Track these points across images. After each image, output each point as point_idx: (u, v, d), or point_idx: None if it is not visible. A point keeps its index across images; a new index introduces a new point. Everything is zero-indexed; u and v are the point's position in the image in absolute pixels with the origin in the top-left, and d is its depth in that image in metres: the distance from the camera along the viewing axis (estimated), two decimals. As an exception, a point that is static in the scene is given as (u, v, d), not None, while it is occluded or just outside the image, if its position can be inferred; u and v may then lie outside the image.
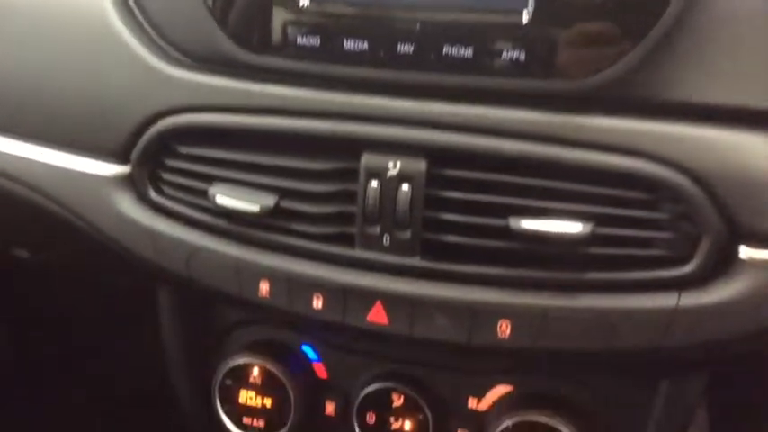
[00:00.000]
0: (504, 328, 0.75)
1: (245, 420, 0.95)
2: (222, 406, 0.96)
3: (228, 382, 0.95)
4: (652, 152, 0.68)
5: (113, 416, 1.49)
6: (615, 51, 0.67)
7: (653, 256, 0.71)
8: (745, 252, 0.68)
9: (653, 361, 0.77)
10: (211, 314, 1.00)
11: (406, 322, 0.78)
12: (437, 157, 0.74)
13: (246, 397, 0.95)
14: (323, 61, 0.75)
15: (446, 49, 0.71)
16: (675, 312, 0.70)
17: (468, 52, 0.70)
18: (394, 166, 0.75)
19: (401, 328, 0.78)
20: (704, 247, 0.69)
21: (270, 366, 0.93)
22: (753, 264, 0.68)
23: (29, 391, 1.48)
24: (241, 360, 0.93)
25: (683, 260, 0.70)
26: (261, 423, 0.95)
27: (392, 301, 0.78)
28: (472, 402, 0.90)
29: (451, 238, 0.75)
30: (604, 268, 0.72)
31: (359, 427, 0.92)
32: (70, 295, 1.42)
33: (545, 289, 0.73)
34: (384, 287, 0.78)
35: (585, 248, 0.71)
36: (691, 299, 0.70)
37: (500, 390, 0.89)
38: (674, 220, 0.70)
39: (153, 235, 0.86)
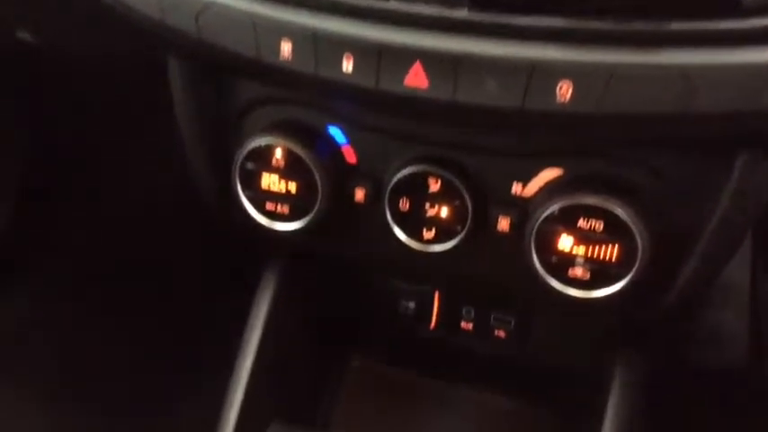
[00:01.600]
0: (565, 90, 0.64)
1: (269, 207, 0.89)
2: (244, 191, 0.89)
3: (250, 165, 0.87)
4: None
5: (136, 216, 1.46)
6: None
7: None
8: None
9: (731, 132, 0.67)
10: (228, 91, 0.90)
11: (448, 85, 0.67)
12: None
13: (269, 181, 0.87)
14: None
15: None
16: None
17: None
18: None
19: (443, 93, 0.68)
20: None
21: (294, 148, 0.84)
22: None
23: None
24: (262, 141, 0.85)
25: None
26: (285, 209, 0.88)
27: (433, 61, 0.67)
28: (516, 188, 0.81)
29: None
30: (690, 16, 0.60)
31: (390, 214, 0.85)
32: (84, 88, 1.34)
33: (615, 42, 0.62)
34: (424, 44, 0.67)
35: None
36: None
37: (548, 173, 0.80)
38: None
39: None
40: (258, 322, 1.07)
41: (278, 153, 0.85)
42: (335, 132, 0.87)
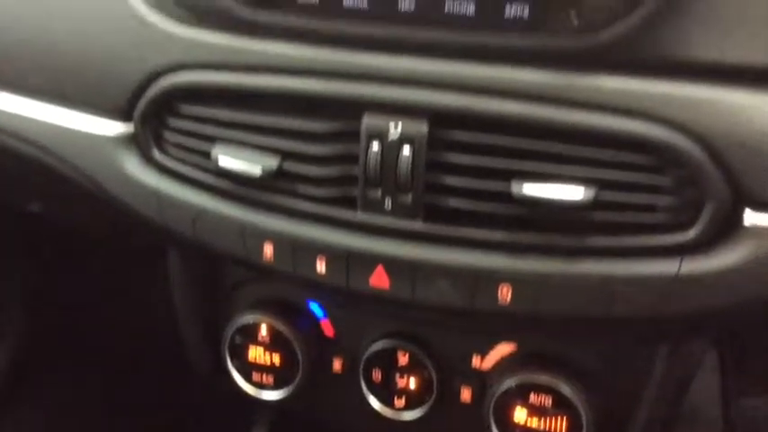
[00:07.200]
0: (505, 293, 0.74)
1: (255, 377, 0.97)
2: (232, 363, 0.98)
3: (238, 339, 0.96)
4: (656, 114, 0.67)
5: (124, 375, 1.52)
6: (623, 5, 0.64)
7: (655, 221, 0.70)
8: (749, 218, 0.67)
9: (654, 325, 0.77)
10: (220, 271, 1.01)
11: (407, 286, 0.78)
12: (439, 118, 0.73)
13: (255, 354, 0.96)
14: (323, 18, 0.73)
15: (448, 6, 0.69)
16: (676, 279, 0.69)
17: (471, 9, 0.69)
18: (395, 128, 0.74)
19: (403, 293, 0.78)
20: (707, 213, 0.68)
21: (277, 325, 0.94)
22: (756, 230, 0.67)
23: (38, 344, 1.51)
24: (250, 318, 0.95)
25: (686, 226, 0.69)
26: (270, 380, 0.97)
27: (393, 265, 0.78)
28: (476, 361, 0.91)
29: (453, 202, 0.74)
30: (606, 233, 0.71)
31: (365, 383, 0.94)
32: (82, 250, 1.43)
33: (546, 254, 0.73)
34: (386, 251, 0.77)
35: (587, 214, 0.70)
36: (692, 265, 0.69)
37: (503, 348, 0.89)
38: (678, 185, 0.69)
39: (158, 196, 0.86)
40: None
41: (263, 329, 0.95)
42: (315, 308, 0.97)
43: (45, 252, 1.48)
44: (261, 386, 0.97)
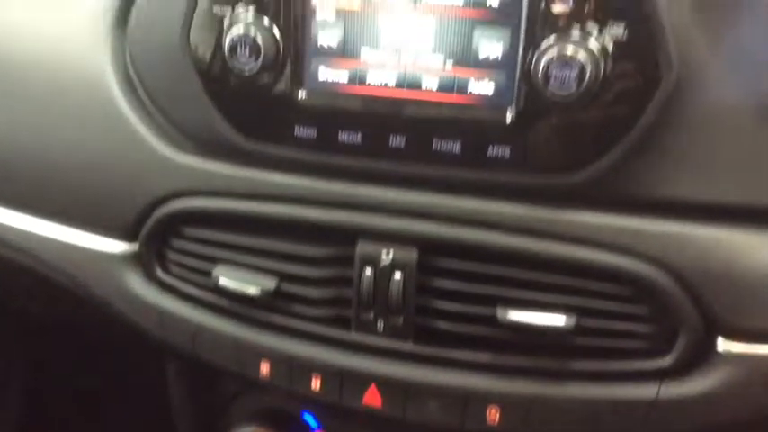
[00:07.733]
0: (494, 414, 0.77)
1: (253, 492, 0.99)
2: None
3: None
4: (631, 248, 0.71)
5: None
6: (597, 149, 0.69)
7: (635, 347, 0.74)
8: (722, 345, 0.71)
9: None
10: (217, 382, 1.03)
11: (399, 406, 0.80)
12: (428, 246, 0.77)
13: (250, 466, 0.98)
14: (319, 152, 0.78)
15: (435, 144, 0.74)
16: (655, 403, 0.73)
17: (456, 147, 0.73)
18: (387, 255, 0.78)
19: (394, 412, 0.81)
20: (682, 341, 0.72)
21: None
22: (730, 357, 0.71)
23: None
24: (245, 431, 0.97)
25: (663, 352, 0.73)
26: (266, 492, 0.98)
27: (386, 385, 0.81)
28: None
29: (442, 325, 0.78)
30: (588, 357, 0.75)
31: None
32: (81, 354, 1.45)
33: (532, 376, 0.76)
34: (378, 370, 0.81)
35: (570, 339, 0.74)
36: (670, 390, 0.73)
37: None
38: (653, 314, 0.73)
39: (159, 312, 0.90)
40: None
41: (259, 443, 0.97)
42: (309, 419, 1.00)
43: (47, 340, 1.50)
44: (257, 498, 0.99)
